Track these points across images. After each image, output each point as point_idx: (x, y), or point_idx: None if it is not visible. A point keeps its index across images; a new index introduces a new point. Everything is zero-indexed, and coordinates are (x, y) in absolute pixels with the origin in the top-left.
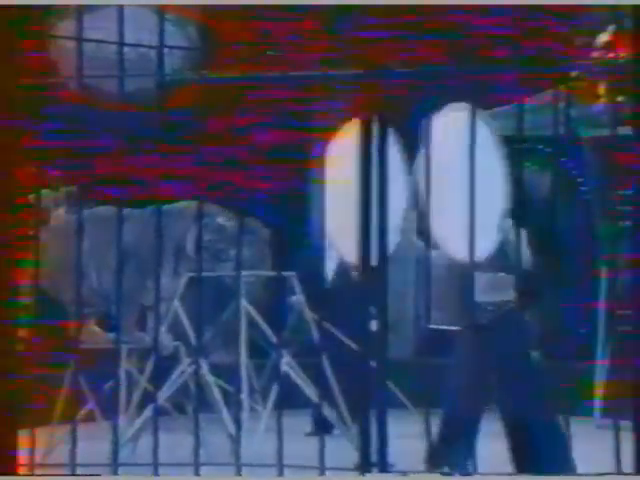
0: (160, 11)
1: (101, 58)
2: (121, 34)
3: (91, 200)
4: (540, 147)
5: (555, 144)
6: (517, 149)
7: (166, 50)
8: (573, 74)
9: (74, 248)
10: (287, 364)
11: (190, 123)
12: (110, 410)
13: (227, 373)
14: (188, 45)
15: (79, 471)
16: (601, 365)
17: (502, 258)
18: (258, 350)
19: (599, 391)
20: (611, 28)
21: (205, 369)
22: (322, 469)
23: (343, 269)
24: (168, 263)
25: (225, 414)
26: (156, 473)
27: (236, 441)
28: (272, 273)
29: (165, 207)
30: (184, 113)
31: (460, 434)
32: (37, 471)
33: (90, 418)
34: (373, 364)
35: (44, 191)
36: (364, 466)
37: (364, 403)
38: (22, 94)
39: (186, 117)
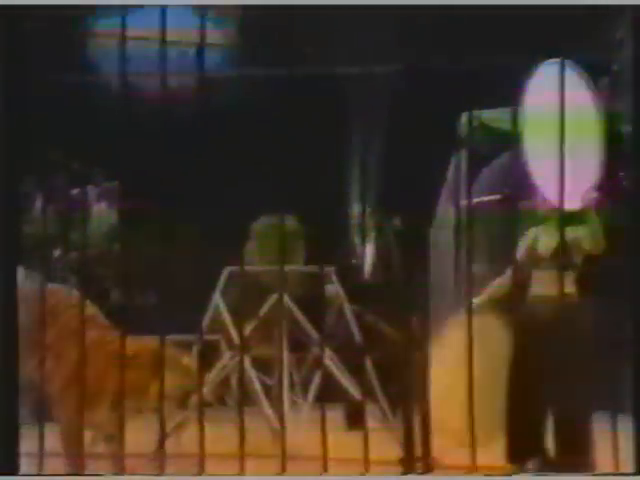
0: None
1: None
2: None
3: (130, 196)
4: None
5: None
6: None
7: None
8: None
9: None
10: (328, 357)
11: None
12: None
13: (268, 367)
14: (228, 42)
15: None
16: None
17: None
18: (299, 344)
19: None
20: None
21: (246, 363)
22: (366, 462)
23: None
24: None
25: (266, 407)
26: (201, 465)
27: (280, 434)
28: (312, 268)
29: None
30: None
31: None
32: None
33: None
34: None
35: (88, 187)
36: (408, 460)
37: (407, 396)
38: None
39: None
